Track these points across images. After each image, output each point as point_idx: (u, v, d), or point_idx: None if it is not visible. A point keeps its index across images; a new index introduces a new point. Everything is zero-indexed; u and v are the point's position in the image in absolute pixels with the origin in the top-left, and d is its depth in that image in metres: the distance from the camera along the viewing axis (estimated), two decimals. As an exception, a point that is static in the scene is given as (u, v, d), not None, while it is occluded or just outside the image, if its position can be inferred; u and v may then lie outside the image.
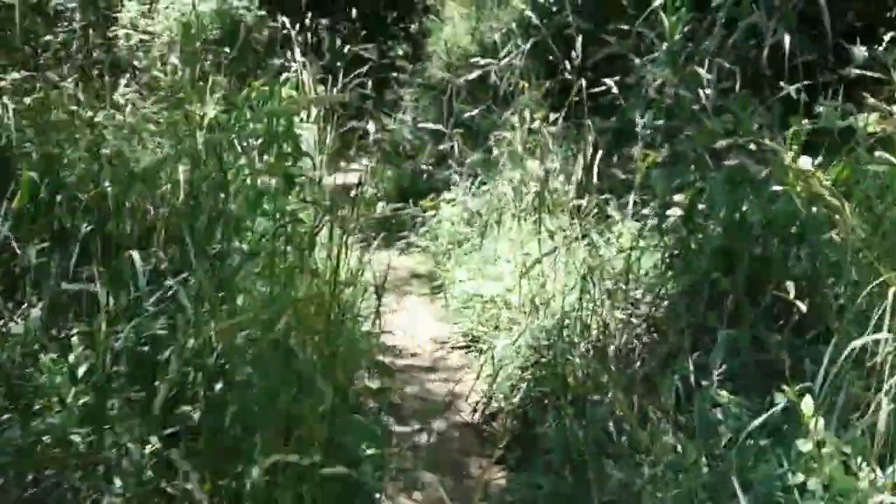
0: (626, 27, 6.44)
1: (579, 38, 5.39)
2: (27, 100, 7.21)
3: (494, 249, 5.14)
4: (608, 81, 5.06)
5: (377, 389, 3.84)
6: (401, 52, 12.51)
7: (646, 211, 4.31)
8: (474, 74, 6.55)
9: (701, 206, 3.95)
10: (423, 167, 7.41)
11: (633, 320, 3.56)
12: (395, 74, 9.26)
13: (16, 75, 7.55)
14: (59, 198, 3.42)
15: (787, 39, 5.21)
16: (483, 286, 4.69)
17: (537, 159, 5.93)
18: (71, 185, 3.67)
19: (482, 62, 6.65)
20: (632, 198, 4.99)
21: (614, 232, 4.94)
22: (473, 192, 6.15)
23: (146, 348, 2.78)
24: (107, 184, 3.52)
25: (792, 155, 3.44)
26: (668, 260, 3.85)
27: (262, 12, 7.93)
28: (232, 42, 7.81)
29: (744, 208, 3.52)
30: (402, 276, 6.03)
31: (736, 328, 3.11)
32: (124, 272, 2.89)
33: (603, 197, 5.03)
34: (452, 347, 4.57)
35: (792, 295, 2.64)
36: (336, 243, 3.95)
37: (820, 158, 3.24)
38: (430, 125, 7.37)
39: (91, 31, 8.78)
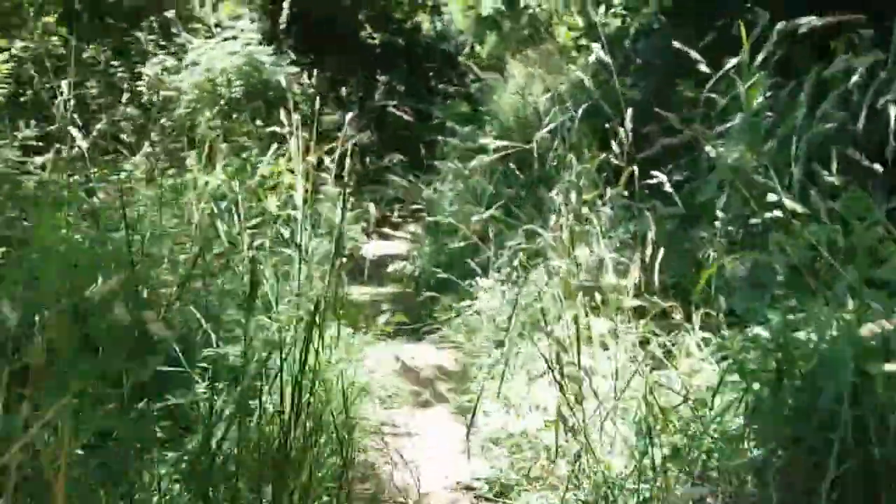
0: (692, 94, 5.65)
1: (629, 113, 4.51)
2: (38, 160, 6.63)
3: (531, 367, 4.27)
4: (659, 175, 4.20)
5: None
6: (460, 110, 11.87)
7: (722, 344, 3.40)
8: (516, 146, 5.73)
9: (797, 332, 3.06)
10: (464, 244, 6.59)
11: (710, 500, 2.64)
12: (439, 138, 8.50)
13: (28, 132, 6.95)
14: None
15: (893, 112, 4.35)
16: (514, 421, 3.81)
17: (587, 246, 5.07)
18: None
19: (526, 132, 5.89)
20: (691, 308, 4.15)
21: (680, 348, 4.08)
22: (514, 281, 5.29)
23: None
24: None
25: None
26: (753, 411, 2.92)
27: (294, 69, 7.25)
28: (260, 100, 7.18)
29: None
30: (426, 378, 5.18)
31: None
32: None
33: (668, 304, 4.13)
34: (476, 497, 3.66)
35: None
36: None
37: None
38: (471, 200, 6.63)
39: (120, 85, 8.27)
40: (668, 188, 4.06)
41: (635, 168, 4.23)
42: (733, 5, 7.56)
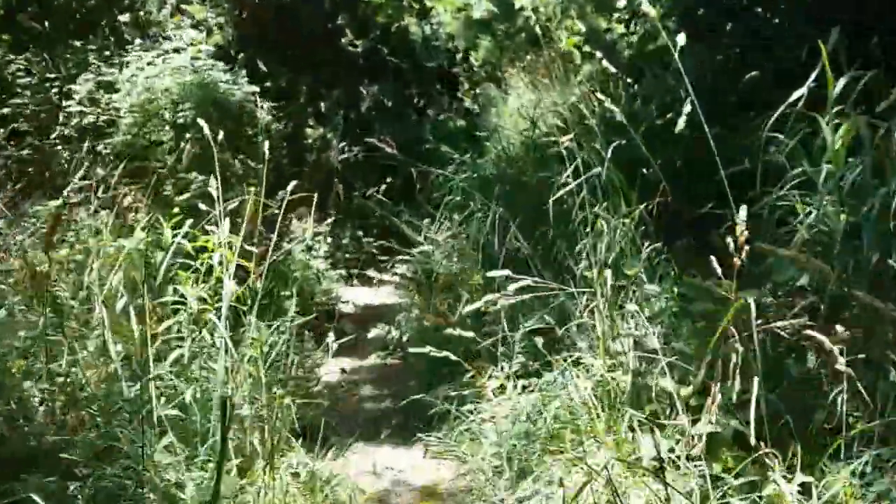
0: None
1: (742, 212, 3.26)
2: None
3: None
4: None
5: None
6: (455, 126, 10.68)
7: None
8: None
9: None
10: (464, 309, 5.30)
11: None
12: (430, 169, 7.21)
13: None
14: None
15: None
16: None
17: (629, 334, 3.85)
18: None
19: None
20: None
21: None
22: (533, 378, 4.05)
23: None
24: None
25: None
26: None
27: (254, 88, 5.97)
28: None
29: None
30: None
31: None
32: None
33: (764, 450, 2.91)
34: None
35: None
36: None
37: None
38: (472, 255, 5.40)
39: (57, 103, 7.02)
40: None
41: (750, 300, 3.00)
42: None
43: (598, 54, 5.82)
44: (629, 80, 7.62)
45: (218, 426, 2.77)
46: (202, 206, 3.37)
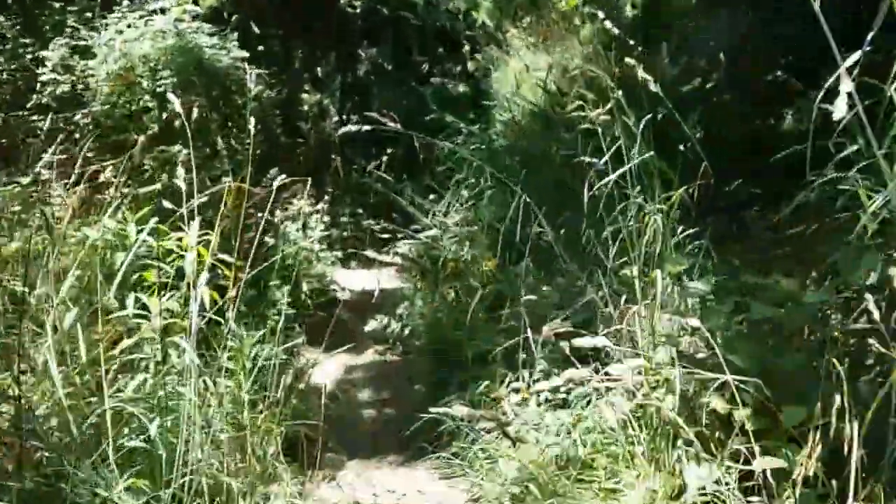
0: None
1: None
2: None
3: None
4: None
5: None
6: (459, 93, 10.11)
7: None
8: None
9: None
10: (475, 300, 4.73)
11: None
12: (434, 141, 6.60)
13: None
14: None
15: None
16: None
17: (673, 343, 3.31)
18: None
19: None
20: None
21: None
22: (559, 389, 3.51)
23: None
24: None
25: None
26: None
27: (243, 53, 5.38)
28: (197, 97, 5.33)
29: None
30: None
31: None
32: None
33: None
34: None
35: None
36: None
37: None
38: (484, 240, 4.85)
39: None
40: None
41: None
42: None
43: (601, 14, 5.27)
44: (632, 43, 6.99)
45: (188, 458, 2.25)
46: (166, 204, 2.81)
